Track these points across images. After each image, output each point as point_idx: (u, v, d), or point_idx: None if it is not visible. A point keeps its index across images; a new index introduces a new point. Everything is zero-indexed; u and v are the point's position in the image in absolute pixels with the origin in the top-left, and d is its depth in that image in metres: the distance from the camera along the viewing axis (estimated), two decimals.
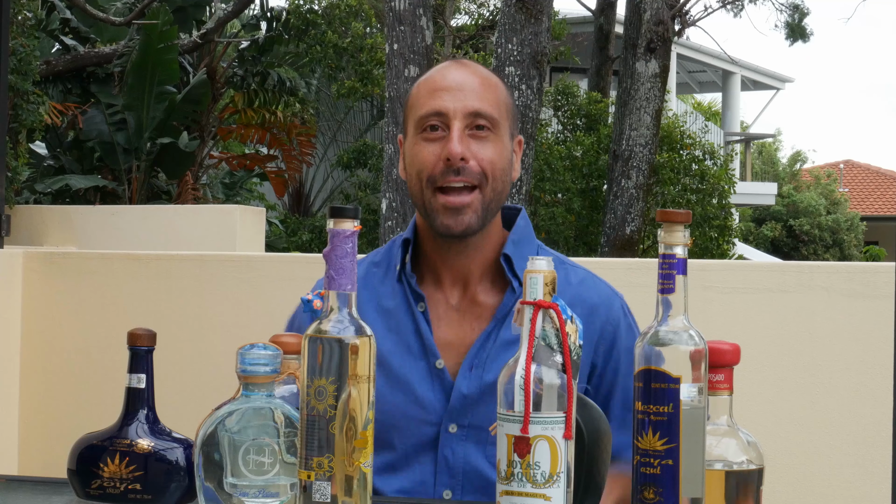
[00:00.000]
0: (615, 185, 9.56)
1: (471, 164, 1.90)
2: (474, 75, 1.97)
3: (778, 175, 31.97)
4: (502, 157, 1.94)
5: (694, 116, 17.42)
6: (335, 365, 1.31)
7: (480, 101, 1.93)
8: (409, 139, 1.97)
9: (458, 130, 1.90)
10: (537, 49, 6.93)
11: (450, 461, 1.88)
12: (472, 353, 1.90)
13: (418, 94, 1.98)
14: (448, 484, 1.88)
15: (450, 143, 1.90)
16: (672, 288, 1.33)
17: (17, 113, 7.15)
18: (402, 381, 1.90)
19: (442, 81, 1.95)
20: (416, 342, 1.92)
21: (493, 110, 1.94)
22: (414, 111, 1.96)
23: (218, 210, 7.17)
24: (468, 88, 1.94)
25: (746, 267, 3.28)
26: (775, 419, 3.02)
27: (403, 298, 1.95)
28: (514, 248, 1.96)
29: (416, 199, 1.95)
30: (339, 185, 16.11)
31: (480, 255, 1.96)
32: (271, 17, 12.44)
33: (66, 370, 3.71)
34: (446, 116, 1.91)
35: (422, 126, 1.93)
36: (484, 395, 1.88)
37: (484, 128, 1.92)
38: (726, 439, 1.39)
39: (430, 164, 1.91)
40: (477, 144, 1.91)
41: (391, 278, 1.98)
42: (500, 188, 1.93)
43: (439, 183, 1.90)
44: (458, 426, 1.88)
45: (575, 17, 17.20)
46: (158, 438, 1.58)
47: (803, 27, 17.09)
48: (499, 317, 1.92)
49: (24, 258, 3.76)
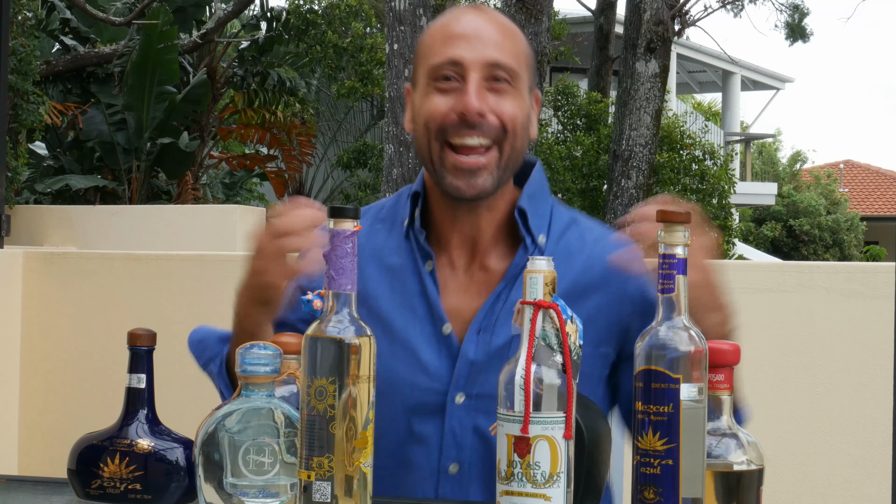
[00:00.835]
0: (615, 185, 9.56)
1: (489, 119, 1.75)
2: (493, 22, 1.80)
3: (778, 175, 31.97)
4: (521, 112, 1.78)
5: (694, 116, 17.42)
6: (335, 365, 1.31)
7: (499, 52, 1.77)
8: (420, 89, 1.80)
9: (475, 82, 1.75)
10: (537, 49, 6.93)
11: (457, 433, 1.75)
12: (480, 316, 1.77)
13: (432, 40, 1.81)
14: (455, 457, 1.76)
15: (466, 97, 1.74)
16: (672, 288, 1.33)
17: (17, 113, 7.16)
18: (405, 345, 1.77)
19: (458, 27, 1.79)
20: (422, 304, 1.79)
21: (513, 61, 1.77)
22: (426, 59, 1.79)
23: (218, 210, 7.18)
24: (486, 37, 1.77)
25: (746, 267, 3.28)
26: (775, 419, 3.02)
27: (410, 255, 1.81)
28: (530, 202, 1.81)
29: (423, 152, 1.79)
30: (339, 185, 16.11)
31: (492, 214, 1.81)
32: (271, 17, 12.45)
33: (66, 370, 3.71)
34: (462, 66, 1.75)
35: (434, 75, 1.77)
36: (492, 360, 1.73)
37: (503, 80, 1.76)
38: (726, 439, 1.39)
39: (440, 115, 1.75)
40: (495, 98, 1.76)
41: (397, 233, 1.84)
42: (519, 146, 1.78)
43: (451, 137, 1.75)
44: (466, 396, 1.75)
45: (575, 17, 17.20)
46: (158, 438, 1.58)
47: (803, 27, 17.09)
48: (509, 277, 1.78)
49: (24, 258, 3.76)
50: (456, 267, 1.82)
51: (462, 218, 1.81)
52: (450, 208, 1.81)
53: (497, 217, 1.82)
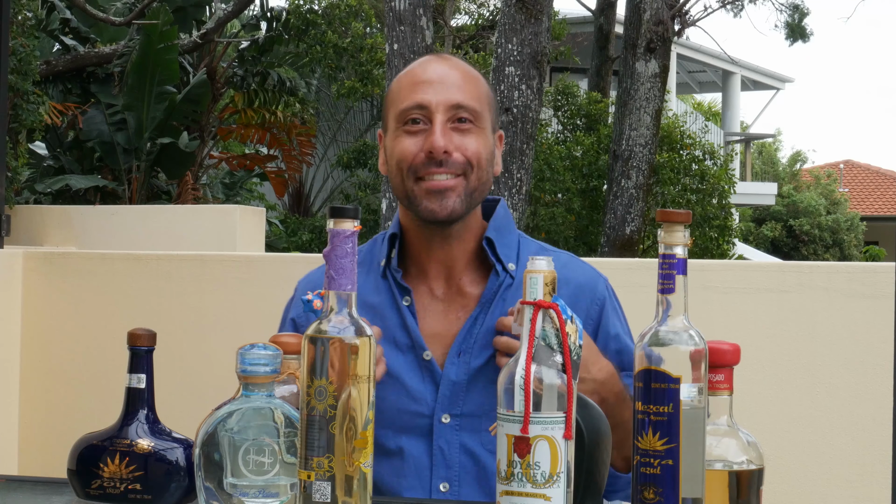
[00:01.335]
0: (615, 185, 9.56)
1: (455, 157, 1.89)
2: (455, 69, 1.95)
3: (778, 175, 31.97)
4: (485, 149, 1.93)
5: (694, 116, 17.42)
6: (335, 365, 1.31)
7: (462, 94, 1.91)
8: (390, 133, 1.95)
9: (440, 123, 1.89)
10: (537, 49, 6.93)
11: (445, 452, 1.88)
12: (458, 340, 1.90)
13: (399, 87, 1.96)
14: (445, 476, 1.87)
15: (432, 136, 1.88)
16: (672, 288, 1.33)
17: (17, 113, 7.16)
18: (391, 374, 1.89)
19: (423, 74, 1.94)
20: (403, 335, 1.91)
21: (475, 103, 1.92)
22: (395, 105, 1.94)
23: (218, 210, 7.18)
24: (450, 81, 1.92)
25: (746, 267, 3.28)
26: (775, 419, 3.02)
27: (388, 293, 1.94)
28: (496, 233, 1.95)
29: (398, 190, 1.93)
30: (339, 185, 16.11)
31: (463, 244, 1.95)
32: (271, 17, 12.44)
33: (66, 370, 3.71)
34: (428, 109, 1.90)
35: (403, 119, 1.91)
36: (473, 381, 1.88)
37: (466, 120, 1.91)
38: (726, 439, 1.39)
39: (410, 155, 1.89)
40: (460, 137, 1.90)
41: (375, 275, 1.97)
42: (484, 178, 1.92)
43: (421, 173, 1.89)
44: (451, 416, 1.88)
45: (575, 17, 17.21)
46: (158, 438, 1.58)
47: (803, 27, 17.09)
48: (483, 302, 1.91)
49: (24, 258, 3.76)
50: (435, 295, 1.95)
51: (436, 247, 1.94)
52: (425, 239, 1.95)
53: (468, 247, 1.96)
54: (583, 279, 1.96)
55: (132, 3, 10.82)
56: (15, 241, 6.48)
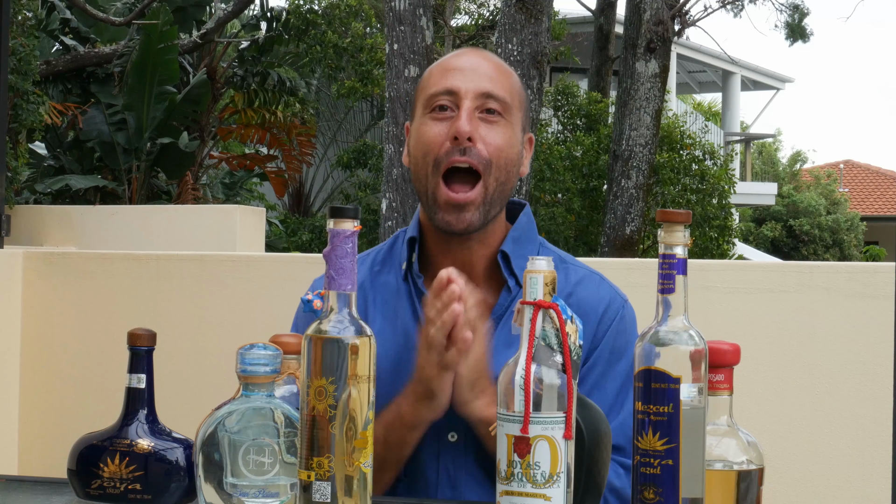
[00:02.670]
0: (615, 185, 9.56)
1: (478, 147, 1.83)
2: (489, 60, 1.91)
3: (778, 175, 31.97)
4: (510, 146, 1.87)
5: (694, 116, 17.43)
6: (335, 365, 1.31)
7: (493, 84, 1.86)
8: (417, 120, 1.89)
9: (467, 109, 1.83)
10: (537, 49, 6.93)
11: (451, 472, 1.82)
12: None
13: (430, 75, 1.91)
14: (450, 495, 1.82)
15: (458, 121, 1.82)
16: (672, 288, 1.33)
17: (17, 113, 7.16)
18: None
19: (455, 62, 1.89)
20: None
21: (506, 94, 1.87)
22: (424, 91, 1.89)
23: (218, 210, 7.18)
24: (482, 71, 1.87)
25: (746, 267, 3.28)
26: (775, 419, 3.02)
27: (408, 299, 1.89)
28: (514, 245, 1.89)
29: (420, 186, 1.88)
30: (339, 185, 16.11)
31: (484, 248, 1.89)
32: (271, 17, 12.44)
33: (66, 370, 3.71)
34: (457, 95, 1.85)
35: (431, 105, 1.87)
36: None
37: (495, 111, 1.85)
38: (726, 439, 1.39)
39: (436, 145, 1.84)
40: (486, 128, 1.84)
41: (396, 274, 1.92)
42: (503, 179, 1.86)
43: (444, 164, 1.83)
44: (458, 434, 1.82)
45: (575, 17, 17.21)
46: (158, 438, 1.58)
47: (803, 27, 17.08)
48: (494, 318, 1.85)
49: (24, 258, 3.76)
50: None
51: (455, 250, 1.89)
52: (444, 242, 1.89)
53: (488, 250, 1.90)
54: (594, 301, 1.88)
55: (132, 3, 10.81)
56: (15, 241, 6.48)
